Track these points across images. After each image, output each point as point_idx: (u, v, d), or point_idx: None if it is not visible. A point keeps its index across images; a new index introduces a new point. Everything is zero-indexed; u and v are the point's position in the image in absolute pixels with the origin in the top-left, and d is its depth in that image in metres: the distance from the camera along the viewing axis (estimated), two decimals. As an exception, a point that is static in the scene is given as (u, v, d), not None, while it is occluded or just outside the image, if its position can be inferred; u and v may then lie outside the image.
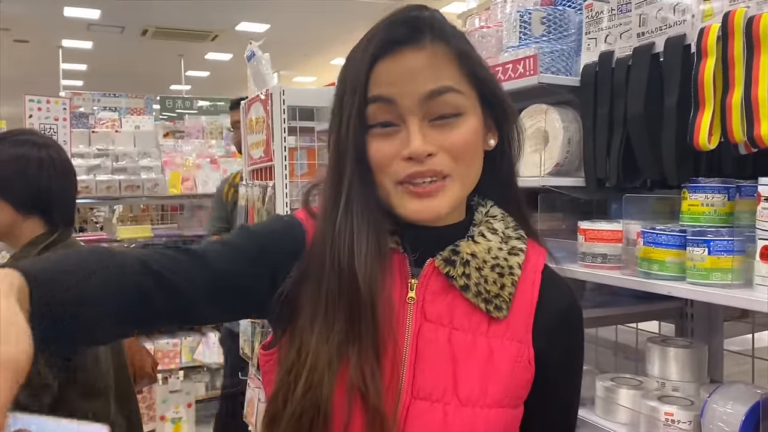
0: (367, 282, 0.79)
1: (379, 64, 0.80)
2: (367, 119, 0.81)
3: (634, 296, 1.70)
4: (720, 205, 1.18)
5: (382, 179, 0.82)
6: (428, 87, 0.79)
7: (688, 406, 1.27)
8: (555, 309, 0.87)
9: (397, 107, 0.80)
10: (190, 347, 4.14)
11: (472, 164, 0.84)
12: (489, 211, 0.90)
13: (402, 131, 0.80)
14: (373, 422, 0.76)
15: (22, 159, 1.61)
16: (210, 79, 14.87)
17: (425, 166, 0.80)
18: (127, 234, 4.16)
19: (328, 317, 0.80)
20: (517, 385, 0.83)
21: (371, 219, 0.81)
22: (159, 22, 10.08)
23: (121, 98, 7.19)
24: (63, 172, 1.67)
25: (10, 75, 12.43)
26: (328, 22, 10.07)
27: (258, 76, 2.89)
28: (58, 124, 3.87)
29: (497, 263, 0.85)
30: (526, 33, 1.55)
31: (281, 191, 2.70)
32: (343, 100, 0.83)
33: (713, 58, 1.15)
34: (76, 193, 1.77)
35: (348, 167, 0.82)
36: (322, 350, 0.78)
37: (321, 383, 0.76)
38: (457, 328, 0.83)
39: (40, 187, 1.62)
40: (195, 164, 4.46)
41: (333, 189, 0.84)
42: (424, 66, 0.80)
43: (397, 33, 0.80)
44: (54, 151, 1.68)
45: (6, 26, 9.93)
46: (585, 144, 1.44)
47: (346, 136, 0.81)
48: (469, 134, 0.82)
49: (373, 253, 0.80)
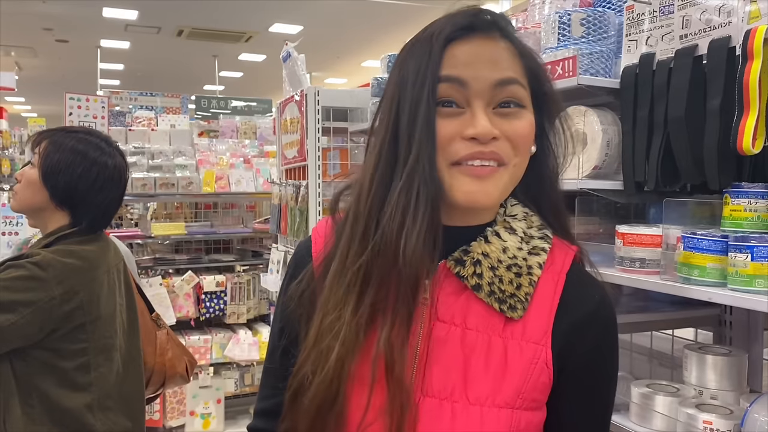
0: (416, 257, 0.78)
1: (453, 45, 0.81)
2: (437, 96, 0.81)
3: (670, 302, 1.67)
4: (764, 210, 1.16)
5: (439, 159, 0.81)
6: (499, 75, 0.81)
7: (727, 414, 1.24)
8: (581, 311, 0.85)
9: (467, 90, 0.80)
10: (220, 344, 4.19)
11: (525, 159, 0.85)
12: (509, 210, 0.90)
13: (466, 114, 0.81)
14: (395, 395, 0.77)
15: (78, 155, 1.64)
16: (243, 79, 15.04)
17: (488, 147, 0.80)
18: (161, 231, 4.22)
19: (354, 292, 0.81)
20: (532, 387, 0.81)
21: (432, 197, 0.79)
22: (194, 22, 10.23)
23: (157, 97, 7.31)
24: (110, 179, 1.69)
25: (51, 74, 12.75)
26: (360, 24, 10.11)
27: (293, 77, 2.92)
28: (97, 122, 3.95)
29: (514, 263, 0.84)
30: (565, 34, 1.54)
31: (314, 190, 2.73)
32: (408, 79, 0.82)
33: (759, 60, 1.13)
34: (120, 205, 1.79)
35: (415, 144, 0.80)
36: (350, 322, 0.80)
37: (345, 355, 0.79)
38: (471, 328, 0.83)
39: (79, 188, 1.65)
40: (229, 163, 4.51)
41: (385, 168, 0.82)
42: (496, 55, 0.82)
43: (470, 21, 0.82)
44: (111, 160, 1.70)
45: (48, 26, 10.18)
46: (624, 147, 1.42)
47: (415, 112, 0.80)
48: (529, 126, 0.83)
49: (428, 234, 0.79)
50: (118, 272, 1.79)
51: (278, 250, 3.15)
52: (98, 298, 1.64)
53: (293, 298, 0.90)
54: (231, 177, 4.35)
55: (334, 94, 2.78)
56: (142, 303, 1.95)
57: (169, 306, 4.05)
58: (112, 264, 1.74)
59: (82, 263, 1.62)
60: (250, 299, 4.32)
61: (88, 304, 1.61)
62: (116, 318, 1.72)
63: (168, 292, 4.06)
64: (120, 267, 1.81)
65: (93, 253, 1.67)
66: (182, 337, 4.11)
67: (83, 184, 1.65)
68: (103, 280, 1.68)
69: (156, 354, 1.92)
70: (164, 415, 4.07)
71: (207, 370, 4.15)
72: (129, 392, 1.71)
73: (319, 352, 0.81)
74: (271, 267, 3.22)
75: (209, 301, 4.22)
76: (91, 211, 1.68)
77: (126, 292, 1.81)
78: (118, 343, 1.71)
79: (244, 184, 4.36)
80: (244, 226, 4.71)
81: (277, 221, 3.16)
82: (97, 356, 1.62)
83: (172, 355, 1.96)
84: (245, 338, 4.18)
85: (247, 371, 4.32)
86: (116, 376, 1.67)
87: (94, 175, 1.65)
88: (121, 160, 1.75)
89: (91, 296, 1.62)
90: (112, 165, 1.70)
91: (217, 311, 4.25)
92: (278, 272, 3.10)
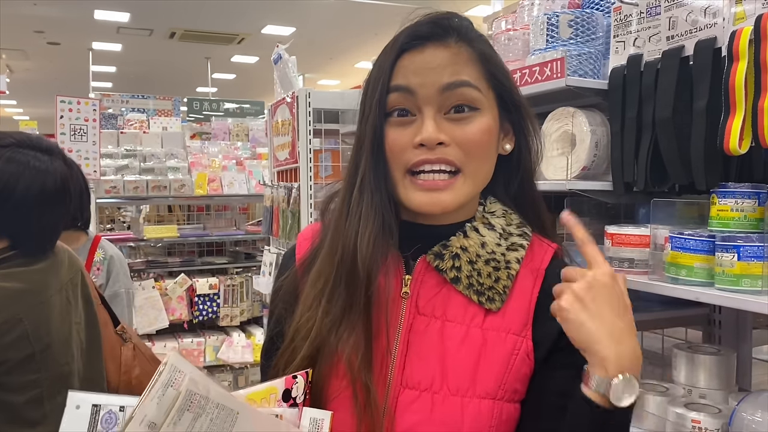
0: (366, 264, 0.82)
1: (404, 56, 0.84)
2: (387, 107, 0.84)
3: (660, 302, 1.68)
4: (750, 210, 1.16)
5: (394, 169, 0.85)
6: (447, 79, 0.82)
7: (716, 413, 1.25)
8: None
9: (415, 98, 0.83)
10: (214, 346, 4.18)
11: (484, 162, 0.86)
12: (488, 207, 0.92)
13: (418, 121, 0.83)
14: (360, 398, 0.81)
15: (9, 179, 1.40)
16: (236, 81, 15.01)
17: (435, 154, 0.82)
18: (154, 233, 4.21)
19: (329, 295, 0.84)
20: (513, 378, 0.83)
21: (380, 205, 0.84)
22: (186, 24, 10.21)
23: (149, 99, 7.30)
24: (50, 197, 1.47)
25: (43, 77, 12.69)
26: (353, 25, 10.12)
27: (284, 79, 2.91)
28: (88, 125, 3.93)
29: (493, 257, 0.86)
30: (554, 36, 1.55)
31: (306, 192, 2.72)
32: (368, 90, 0.86)
33: (745, 61, 1.14)
34: (71, 217, 1.58)
35: (365, 155, 0.85)
36: (320, 323, 0.83)
37: (315, 354, 0.83)
38: (451, 320, 0.85)
39: (13, 213, 1.43)
40: (221, 165, 4.51)
41: (350, 177, 0.88)
42: (446, 61, 0.83)
43: (424, 30, 0.84)
44: (51, 176, 1.47)
45: (40, 29, 10.14)
46: (612, 148, 1.43)
47: (365, 124, 0.85)
48: (482, 131, 0.84)
49: (377, 236, 0.83)
50: (74, 287, 1.58)
51: (270, 252, 3.14)
52: (47, 324, 1.44)
53: (277, 299, 0.94)
54: (223, 179, 4.35)
55: (325, 96, 2.78)
56: (105, 315, 1.76)
57: (161, 309, 4.04)
58: (65, 280, 1.54)
59: (25, 286, 1.42)
60: (243, 301, 4.32)
61: (35, 332, 1.40)
62: (72, 341, 1.53)
63: (161, 295, 4.06)
64: (76, 281, 1.59)
65: (39, 274, 1.46)
66: (175, 340, 4.10)
67: (19, 208, 1.42)
68: (54, 302, 1.48)
69: (120, 372, 1.73)
70: (157, 419, 4.05)
71: (200, 373, 4.14)
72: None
73: (291, 351, 0.84)
74: (264, 269, 3.22)
75: (202, 303, 4.21)
76: (33, 233, 1.47)
77: (85, 307, 1.61)
78: (76, 367, 1.52)
79: (236, 186, 4.36)
80: (237, 229, 4.71)
81: (269, 223, 3.16)
82: (51, 386, 1.43)
83: (140, 372, 1.76)
84: (239, 341, 4.18)
85: (241, 373, 4.32)
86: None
87: (31, 196, 1.43)
88: (64, 169, 1.51)
89: (38, 323, 1.42)
90: (51, 182, 1.46)
91: (210, 314, 4.24)
92: (270, 274, 3.09)
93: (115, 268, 2.52)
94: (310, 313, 0.85)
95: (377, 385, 0.82)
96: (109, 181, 4.09)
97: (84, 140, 3.91)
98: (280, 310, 0.93)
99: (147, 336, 4.04)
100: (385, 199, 0.84)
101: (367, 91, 0.87)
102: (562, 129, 1.49)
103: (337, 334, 0.82)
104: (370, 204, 0.84)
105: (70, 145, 3.86)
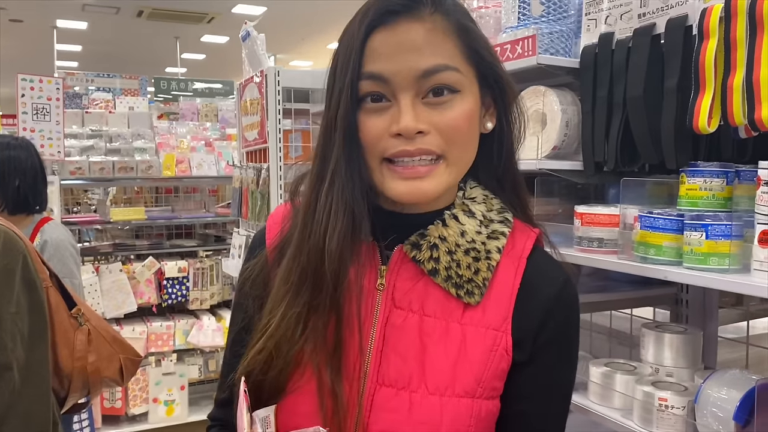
0: (334, 263, 0.77)
1: (374, 35, 0.77)
2: (359, 91, 0.78)
3: (629, 282, 1.69)
4: (718, 189, 1.17)
5: (369, 157, 0.79)
6: (423, 65, 0.76)
7: (682, 391, 1.26)
8: (543, 297, 0.83)
9: (390, 85, 0.77)
10: (183, 330, 4.13)
11: (467, 147, 0.81)
12: (468, 193, 0.87)
13: (394, 107, 0.77)
14: (326, 401, 0.77)
15: None
16: (206, 62, 14.75)
17: (414, 145, 0.77)
18: (121, 216, 4.13)
19: (294, 293, 0.80)
20: (492, 375, 0.79)
21: (351, 200, 0.78)
22: (154, 3, 9.97)
23: (116, 78, 7.11)
24: None
25: (6, 55, 12.31)
26: (324, 5, 9.98)
27: (253, 57, 2.86)
28: (51, 104, 3.82)
29: (473, 247, 0.82)
30: (525, 13, 1.53)
31: (275, 173, 2.68)
32: (336, 73, 0.80)
33: (715, 39, 1.13)
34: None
35: (336, 144, 0.79)
36: (289, 319, 0.79)
37: (284, 352, 0.79)
38: (429, 314, 0.81)
39: None
40: (189, 146, 4.42)
41: (319, 167, 0.81)
42: (421, 41, 0.77)
43: (394, 2, 0.77)
44: None
45: (1, 5, 9.82)
46: (583, 127, 1.42)
47: (336, 111, 0.78)
48: (464, 115, 0.79)
49: (346, 234, 0.78)
50: (10, 274, 1.46)
51: (240, 234, 3.10)
52: None
53: (246, 287, 0.88)
54: (192, 160, 4.27)
55: (294, 75, 2.73)
56: (57, 297, 1.67)
57: (129, 292, 3.97)
58: None
59: None
60: (213, 285, 4.26)
61: None
62: (7, 330, 1.41)
63: (128, 278, 3.98)
64: (12, 266, 1.47)
65: None
66: (144, 323, 4.04)
67: None
68: None
69: (74, 358, 1.65)
70: (126, 403, 4.01)
71: (170, 357, 4.09)
72: (29, 410, 1.43)
73: (257, 351, 0.80)
74: (233, 252, 3.18)
75: (171, 287, 4.15)
76: None
77: (27, 293, 1.50)
78: (12, 357, 1.41)
79: (205, 167, 4.29)
80: (207, 211, 4.64)
81: (239, 205, 3.11)
82: None
83: (97, 358, 1.69)
84: (209, 324, 4.13)
85: (211, 357, 4.28)
86: (10, 396, 1.40)
87: None
88: None
89: None
90: None
91: (180, 297, 4.19)
92: (240, 257, 3.05)
93: (47, 254, 2.36)
94: (278, 311, 0.80)
95: (351, 383, 0.78)
96: (74, 162, 3.98)
97: (47, 120, 3.80)
98: (248, 302, 0.88)
99: (115, 320, 3.97)
100: (357, 192, 0.78)
101: (335, 75, 0.80)
102: (533, 108, 1.47)
103: (303, 333, 0.78)
104: (340, 198, 0.78)
105: (32, 125, 3.75)
